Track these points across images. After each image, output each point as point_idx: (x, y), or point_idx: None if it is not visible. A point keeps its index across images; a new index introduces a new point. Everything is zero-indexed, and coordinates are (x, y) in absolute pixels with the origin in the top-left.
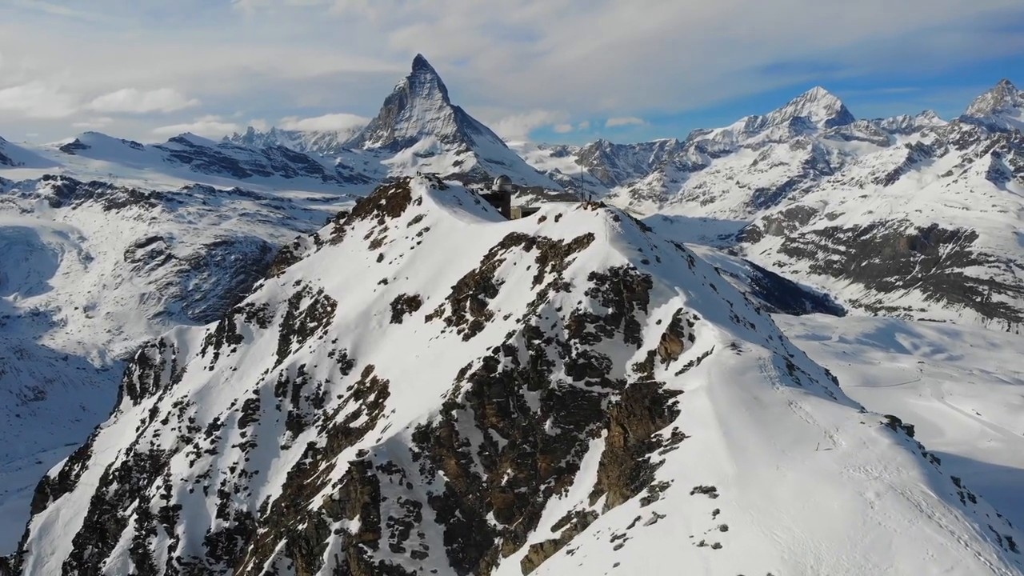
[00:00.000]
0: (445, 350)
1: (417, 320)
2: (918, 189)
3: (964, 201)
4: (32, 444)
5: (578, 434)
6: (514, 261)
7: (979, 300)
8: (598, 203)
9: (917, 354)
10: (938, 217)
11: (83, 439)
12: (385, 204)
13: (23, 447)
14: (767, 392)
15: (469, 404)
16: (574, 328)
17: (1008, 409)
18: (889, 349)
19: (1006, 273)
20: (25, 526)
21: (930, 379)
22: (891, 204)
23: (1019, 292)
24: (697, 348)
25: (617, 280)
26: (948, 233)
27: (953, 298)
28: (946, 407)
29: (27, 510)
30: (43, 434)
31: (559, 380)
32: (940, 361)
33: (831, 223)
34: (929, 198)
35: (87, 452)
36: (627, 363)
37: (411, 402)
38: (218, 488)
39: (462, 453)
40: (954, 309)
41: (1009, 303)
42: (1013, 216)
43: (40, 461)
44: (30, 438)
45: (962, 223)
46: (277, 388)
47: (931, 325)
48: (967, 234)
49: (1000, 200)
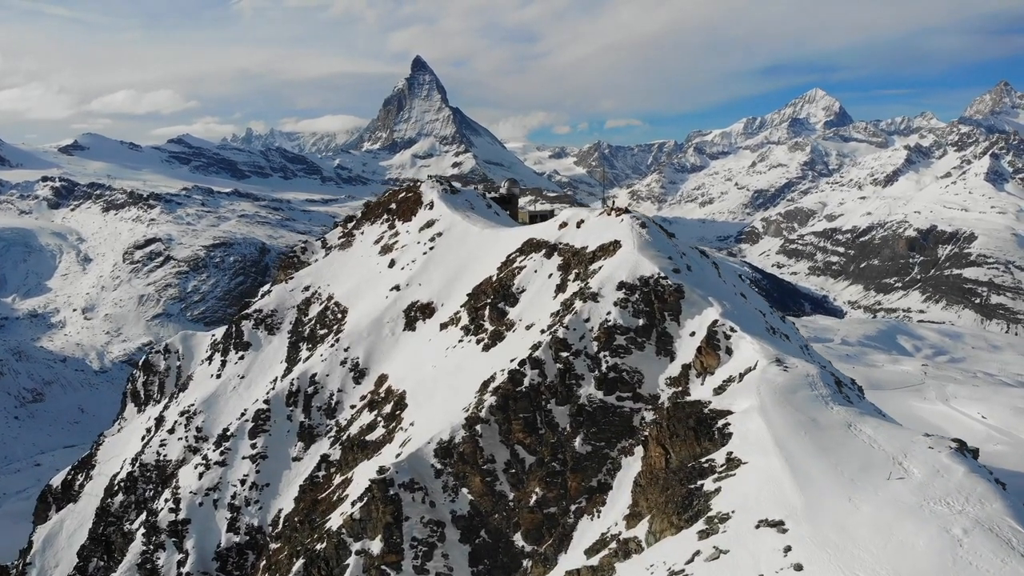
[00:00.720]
0: (464, 361)
1: (431, 328)
2: (917, 191)
3: (963, 203)
4: (30, 446)
5: (609, 451)
6: (535, 268)
7: (978, 302)
8: (622, 208)
9: (919, 356)
10: (937, 219)
11: (82, 441)
12: (396, 208)
13: (21, 449)
14: (823, 413)
15: (493, 419)
16: (604, 340)
17: (1013, 412)
18: (891, 351)
19: (1005, 275)
20: (28, 536)
21: (934, 382)
22: (890, 205)
23: (1018, 293)
24: (736, 362)
25: (648, 290)
26: (947, 235)
27: (952, 299)
28: (951, 410)
29: (26, 513)
30: (41, 436)
31: (589, 395)
32: (943, 363)
33: (830, 224)
34: (928, 200)
35: (91, 461)
36: (660, 377)
37: (430, 415)
38: (228, 501)
39: (487, 470)
40: (953, 311)
41: (1008, 304)
42: (1012, 218)
43: (39, 463)
44: (28, 440)
45: (961, 224)
46: (288, 398)
47: (932, 327)
48: (966, 236)
49: (999, 202)
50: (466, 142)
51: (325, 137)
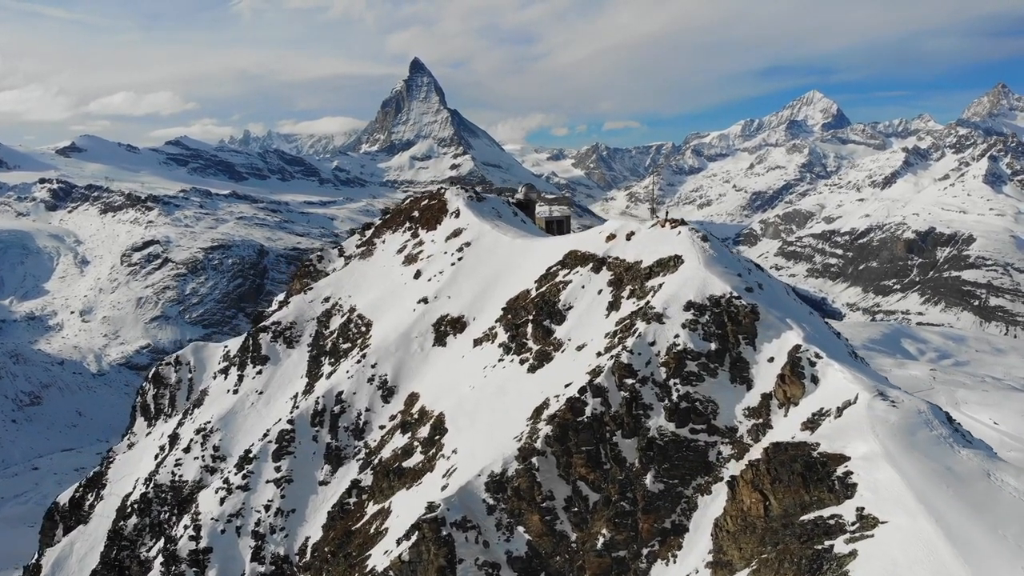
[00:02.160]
0: (507, 382)
1: (463, 343)
2: (915, 193)
3: (961, 205)
4: (28, 450)
5: (684, 490)
6: (582, 284)
7: (977, 304)
8: (678, 220)
9: (924, 360)
10: (935, 221)
11: (79, 445)
12: (419, 216)
13: (19, 453)
14: (954, 459)
15: (550, 450)
16: (673, 366)
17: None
18: (896, 355)
19: (1004, 277)
20: (27, 544)
21: (944, 387)
22: (888, 207)
23: (1017, 295)
24: (824, 393)
25: (719, 311)
26: (945, 237)
27: (951, 302)
28: (964, 417)
29: (24, 518)
30: (39, 440)
31: (659, 427)
32: (948, 367)
33: (828, 226)
34: (926, 201)
35: (102, 480)
36: (736, 407)
37: (475, 442)
38: (252, 528)
39: (546, 508)
40: (952, 313)
41: (1007, 306)
42: (1010, 220)
43: (36, 467)
44: (26, 444)
45: (959, 227)
46: (313, 417)
47: (936, 330)
48: (964, 238)
49: (997, 204)
50: (464, 144)
51: (323, 139)
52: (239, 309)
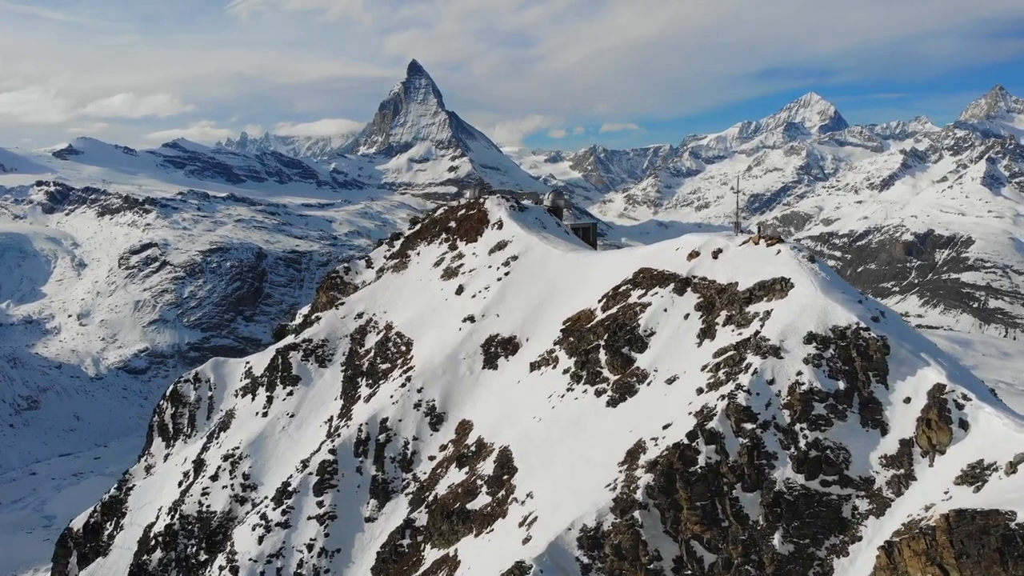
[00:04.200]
0: (583, 417)
1: (517, 367)
2: (913, 195)
3: (959, 207)
4: (26, 455)
5: (816, 551)
6: (664, 307)
7: (976, 306)
8: (775, 237)
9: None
10: (934, 223)
11: (77, 449)
12: (456, 227)
13: (16, 458)
14: None
15: (653, 503)
16: (799, 408)
17: None
18: None
19: (1003, 278)
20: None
21: None
22: (886, 210)
23: (1016, 297)
24: (978, 442)
25: (845, 343)
26: (944, 239)
27: (950, 304)
28: None
29: (22, 523)
30: (37, 444)
31: (786, 479)
32: None
33: (826, 229)
34: (924, 204)
35: (121, 508)
36: (871, 455)
37: (556, 488)
38: (294, 570)
39: (653, 570)
40: (951, 315)
41: (1006, 308)
42: (1009, 222)
43: (34, 472)
44: (23, 448)
45: (958, 229)
46: (356, 446)
47: (941, 334)
48: (963, 240)
49: (995, 206)
50: (462, 146)
51: (320, 141)
52: (238, 312)
